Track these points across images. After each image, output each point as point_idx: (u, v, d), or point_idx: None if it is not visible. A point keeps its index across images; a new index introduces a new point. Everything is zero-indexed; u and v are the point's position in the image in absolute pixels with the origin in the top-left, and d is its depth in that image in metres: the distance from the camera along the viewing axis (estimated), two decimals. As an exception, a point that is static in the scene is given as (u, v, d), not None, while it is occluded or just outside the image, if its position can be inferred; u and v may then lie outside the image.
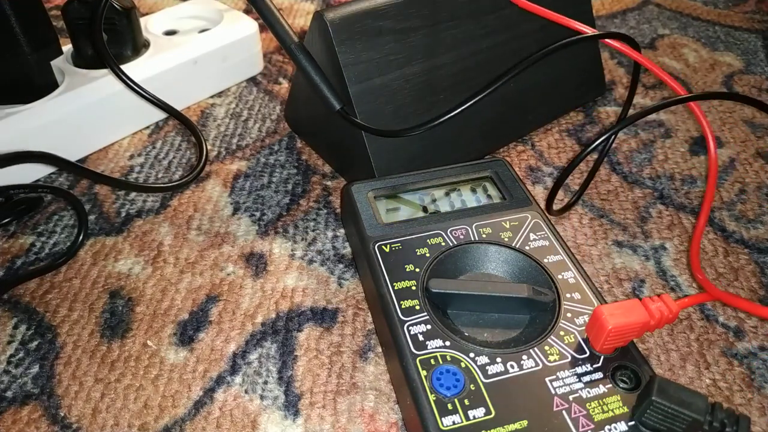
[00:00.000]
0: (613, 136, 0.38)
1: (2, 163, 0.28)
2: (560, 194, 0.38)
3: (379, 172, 0.35)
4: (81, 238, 0.34)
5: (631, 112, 0.45)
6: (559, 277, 0.28)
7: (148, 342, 0.30)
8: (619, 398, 0.23)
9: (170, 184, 0.37)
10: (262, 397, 0.27)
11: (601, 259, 0.34)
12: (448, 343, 0.25)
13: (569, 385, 0.24)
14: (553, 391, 0.23)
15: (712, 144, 0.31)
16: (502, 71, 0.39)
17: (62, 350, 0.29)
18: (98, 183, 0.38)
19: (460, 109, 0.32)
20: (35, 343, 0.30)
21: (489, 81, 0.38)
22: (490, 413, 0.23)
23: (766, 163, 0.40)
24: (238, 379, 0.28)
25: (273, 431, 0.26)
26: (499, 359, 0.24)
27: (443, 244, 0.29)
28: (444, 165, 0.34)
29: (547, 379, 0.24)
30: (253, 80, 0.49)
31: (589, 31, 0.35)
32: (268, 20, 0.33)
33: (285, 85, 0.49)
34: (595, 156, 0.40)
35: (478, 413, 0.23)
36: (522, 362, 0.24)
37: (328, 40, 0.32)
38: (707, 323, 0.30)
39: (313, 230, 0.36)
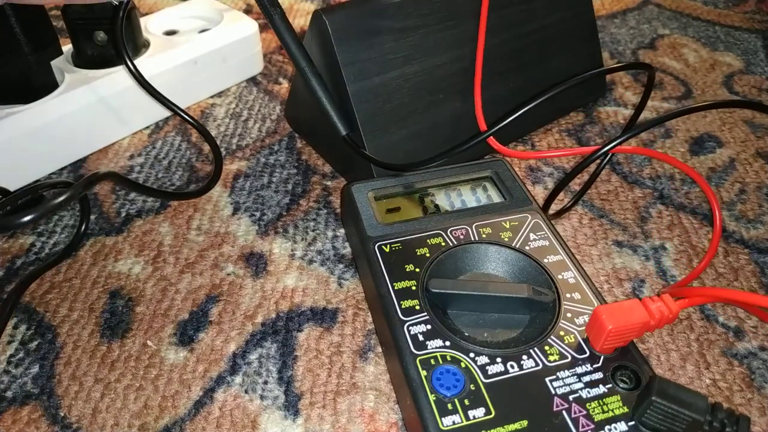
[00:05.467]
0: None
1: (84, 188, 0.28)
2: (559, 195, 0.38)
3: (379, 173, 0.35)
4: (84, 228, 0.35)
5: (629, 113, 0.45)
6: (559, 277, 0.28)
7: (148, 342, 0.30)
8: (619, 398, 0.23)
9: (189, 191, 0.37)
10: (262, 397, 0.27)
11: (601, 259, 0.34)
12: (448, 343, 0.25)
13: (569, 385, 0.24)
14: (553, 391, 0.23)
15: (718, 218, 0.31)
16: (501, 71, 0.39)
17: (62, 350, 0.29)
18: (140, 193, 0.38)
19: (468, 145, 0.32)
20: (35, 343, 0.30)
21: (490, 79, 0.38)
22: (490, 413, 0.23)
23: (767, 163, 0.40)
24: (238, 379, 0.28)
25: (273, 431, 0.26)
26: (499, 359, 0.24)
27: (443, 244, 0.29)
28: (444, 165, 0.34)
29: (547, 379, 0.24)
30: (253, 80, 0.49)
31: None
32: (283, 39, 0.34)
33: (285, 85, 0.49)
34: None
35: (478, 413, 0.23)
36: (522, 362, 0.24)
37: (327, 39, 0.32)
38: (707, 323, 0.30)
39: (313, 230, 0.36)
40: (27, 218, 0.26)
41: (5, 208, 0.29)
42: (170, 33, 0.48)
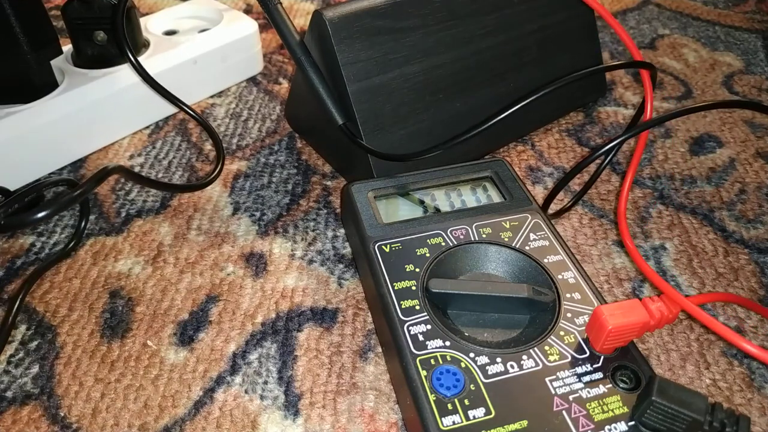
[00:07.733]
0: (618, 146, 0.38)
1: (96, 183, 0.28)
2: (559, 195, 0.38)
3: (379, 172, 0.35)
4: (84, 227, 0.35)
5: (629, 113, 0.45)
6: (559, 277, 0.28)
7: (148, 342, 0.30)
8: (619, 398, 0.23)
9: (194, 183, 0.37)
10: (262, 397, 0.27)
11: (601, 259, 0.34)
12: (448, 343, 0.25)
13: (569, 385, 0.24)
14: (553, 391, 0.23)
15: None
16: (501, 71, 0.39)
17: (62, 350, 0.29)
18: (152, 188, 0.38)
19: (467, 136, 0.32)
20: (35, 343, 0.30)
21: (490, 79, 0.38)
22: (490, 413, 0.23)
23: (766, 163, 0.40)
24: (238, 379, 0.28)
25: (273, 431, 0.26)
26: (499, 359, 0.24)
27: (443, 244, 0.29)
28: (444, 165, 0.34)
29: (547, 379, 0.24)
30: (253, 80, 0.49)
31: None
32: (279, 29, 0.34)
33: (285, 85, 0.49)
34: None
35: (478, 413, 0.23)
36: (522, 362, 0.24)
37: (327, 39, 0.32)
38: (707, 323, 0.30)
39: (313, 230, 0.36)
40: (42, 214, 0.25)
41: (13, 207, 0.29)
42: (170, 33, 0.48)
